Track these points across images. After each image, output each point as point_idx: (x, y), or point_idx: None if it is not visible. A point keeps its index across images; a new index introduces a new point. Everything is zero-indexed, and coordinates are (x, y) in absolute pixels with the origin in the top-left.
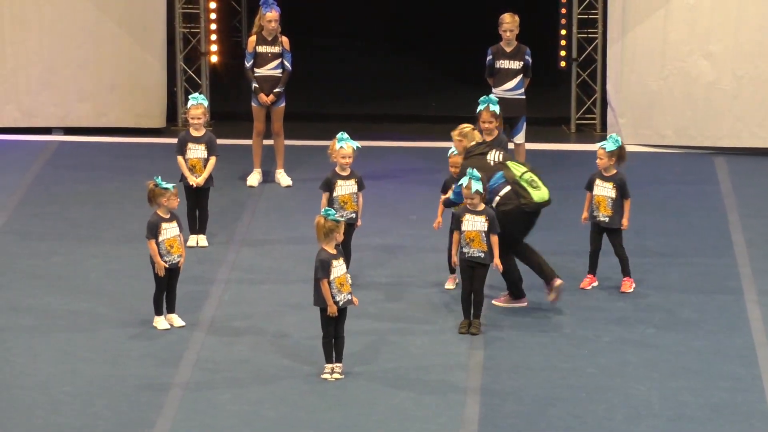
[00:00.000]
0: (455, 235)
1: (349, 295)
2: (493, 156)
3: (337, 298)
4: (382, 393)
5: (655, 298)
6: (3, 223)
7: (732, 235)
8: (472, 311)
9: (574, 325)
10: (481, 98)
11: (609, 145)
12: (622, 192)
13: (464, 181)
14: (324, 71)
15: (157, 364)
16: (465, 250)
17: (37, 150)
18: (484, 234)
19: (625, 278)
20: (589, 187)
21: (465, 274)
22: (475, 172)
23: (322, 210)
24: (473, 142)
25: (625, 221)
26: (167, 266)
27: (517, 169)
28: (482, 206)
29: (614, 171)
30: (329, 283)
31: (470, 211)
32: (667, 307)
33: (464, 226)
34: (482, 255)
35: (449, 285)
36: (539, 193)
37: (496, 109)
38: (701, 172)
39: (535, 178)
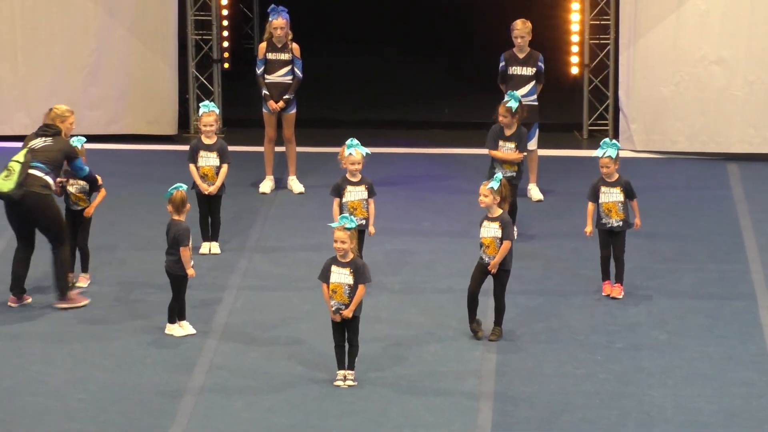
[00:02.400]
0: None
1: (343, 305)
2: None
3: (331, 302)
4: (395, 399)
5: (667, 304)
6: None
7: (745, 241)
8: (494, 317)
9: (587, 331)
10: (509, 92)
11: (611, 152)
12: (628, 194)
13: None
14: (336, 77)
15: (170, 371)
16: (481, 255)
17: None
18: (498, 240)
19: (617, 284)
20: (593, 196)
21: (476, 275)
22: (499, 174)
23: (339, 217)
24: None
25: (638, 221)
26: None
27: (19, 155)
28: (499, 212)
29: (617, 175)
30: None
31: (487, 217)
32: (680, 313)
33: (480, 232)
34: None
35: None
36: (3, 183)
37: (512, 105)
38: (713, 177)
39: (14, 169)
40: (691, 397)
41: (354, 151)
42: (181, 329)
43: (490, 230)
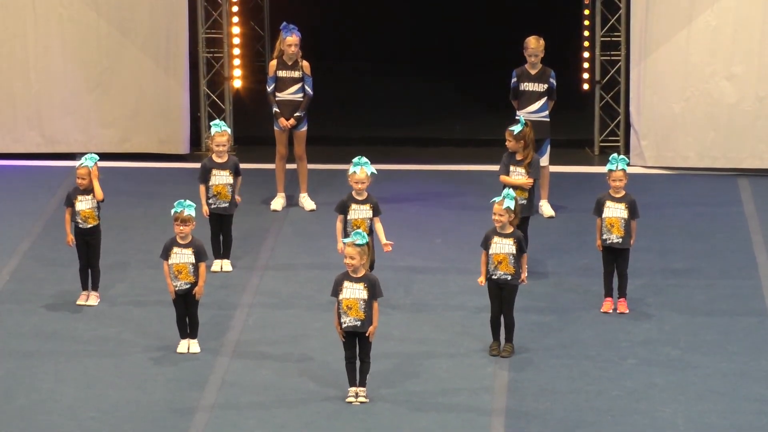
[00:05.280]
0: (483, 255)
1: (358, 321)
2: None
3: (342, 319)
4: (407, 416)
5: (680, 321)
6: (28, 248)
7: (756, 257)
8: (504, 334)
9: (600, 347)
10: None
11: (622, 164)
12: (633, 212)
13: (498, 197)
14: (348, 94)
15: (182, 389)
16: (492, 271)
17: (61, 175)
18: (512, 257)
19: (621, 299)
20: (599, 211)
21: (493, 295)
22: (511, 192)
23: (352, 233)
24: None
25: (632, 242)
26: (176, 290)
27: None
28: (511, 229)
29: (623, 192)
30: (338, 303)
31: (498, 233)
32: (692, 329)
33: (492, 249)
34: (509, 278)
35: None
36: None
37: (515, 128)
38: (724, 193)
39: None
40: (703, 413)
41: (358, 169)
42: (185, 346)
43: (504, 247)
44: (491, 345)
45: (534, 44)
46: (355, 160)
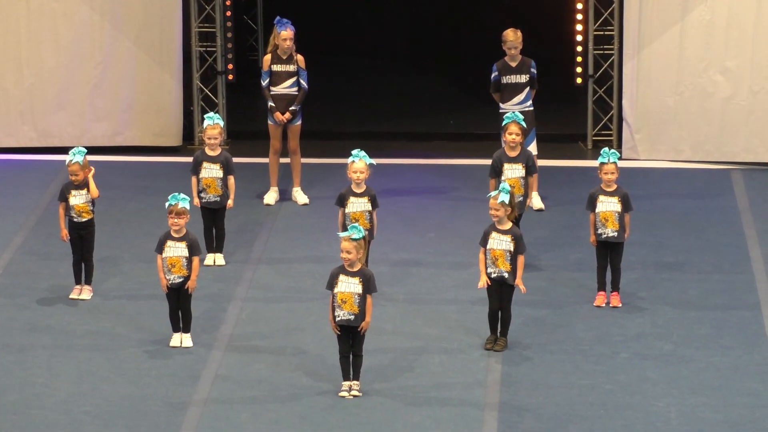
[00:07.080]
0: (481, 253)
1: (352, 315)
2: None
3: (336, 312)
4: (400, 410)
5: (673, 314)
6: (21, 242)
7: (750, 251)
8: (499, 328)
9: (592, 341)
10: (507, 115)
11: (614, 158)
12: (626, 205)
13: (493, 192)
14: (342, 89)
15: (175, 383)
16: (490, 270)
17: (54, 170)
18: (508, 253)
19: (614, 293)
20: (592, 206)
21: (492, 291)
22: (506, 185)
23: (349, 227)
24: None
25: (626, 235)
26: (168, 284)
27: None
28: (509, 225)
29: (615, 185)
30: (333, 296)
31: (497, 229)
32: (686, 323)
33: (490, 244)
34: (506, 275)
35: None
36: None
37: (523, 123)
38: (718, 187)
39: None
40: (696, 407)
41: (357, 159)
42: (178, 339)
43: (502, 243)
44: (488, 338)
45: (512, 37)
46: (354, 152)
